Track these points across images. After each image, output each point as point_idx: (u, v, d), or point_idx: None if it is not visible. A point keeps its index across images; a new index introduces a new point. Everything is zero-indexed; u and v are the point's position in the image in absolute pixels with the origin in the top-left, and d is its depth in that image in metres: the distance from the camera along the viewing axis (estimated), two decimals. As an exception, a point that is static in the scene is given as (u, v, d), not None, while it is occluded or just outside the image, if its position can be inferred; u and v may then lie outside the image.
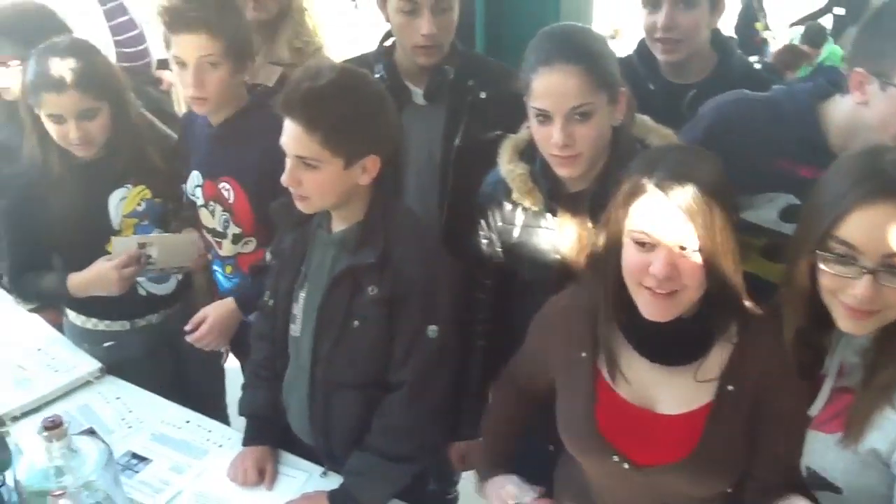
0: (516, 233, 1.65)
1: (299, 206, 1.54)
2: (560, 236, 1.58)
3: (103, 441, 1.48)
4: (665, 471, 1.33)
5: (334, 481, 1.66)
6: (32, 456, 1.43)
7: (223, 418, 2.33)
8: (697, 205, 1.18)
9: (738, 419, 1.31)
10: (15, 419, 1.90)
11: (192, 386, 2.28)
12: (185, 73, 1.80)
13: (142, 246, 1.99)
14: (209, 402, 2.25)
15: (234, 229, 1.96)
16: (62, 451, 1.41)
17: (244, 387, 1.84)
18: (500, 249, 1.71)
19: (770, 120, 1.51)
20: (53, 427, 1.39)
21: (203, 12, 1.76)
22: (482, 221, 1.71)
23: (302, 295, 1.66)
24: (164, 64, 2.58)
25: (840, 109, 1.44)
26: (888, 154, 1.16)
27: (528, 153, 1.60)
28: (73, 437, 1.43)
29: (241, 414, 1.82)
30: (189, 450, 1.83)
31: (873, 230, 1.12)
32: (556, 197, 1.57)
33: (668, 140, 1.56)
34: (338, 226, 1.61)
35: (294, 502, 1.64)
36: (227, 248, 2.00)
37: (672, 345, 1.31)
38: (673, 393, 1.34)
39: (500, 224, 1.67)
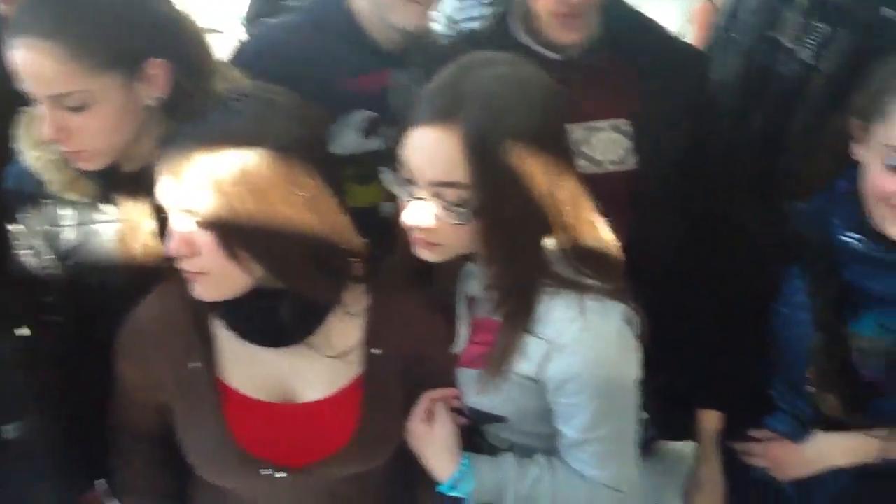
0: (69, 235, 1.25)
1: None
2: (124, 228, 1.23)
3: None
4: (331, 462, 1.14)
5: None
6: None
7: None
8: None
9: (393, 383, 1.17)
10: None
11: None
12: None
13: None
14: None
15: None
16: None
17: None
18: (51, 258, 1.27)
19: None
20: None
21: None
22: (17, 229, 1.27)
23: None
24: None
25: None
26: None
27: None
28: None
29: None
30: None
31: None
32: (109, 181, 1.21)
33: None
34: None
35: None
36: None
37: (269, 323, 1.11)
38: (311, 377, 1.15)
39: (44, 228, 1.25)
